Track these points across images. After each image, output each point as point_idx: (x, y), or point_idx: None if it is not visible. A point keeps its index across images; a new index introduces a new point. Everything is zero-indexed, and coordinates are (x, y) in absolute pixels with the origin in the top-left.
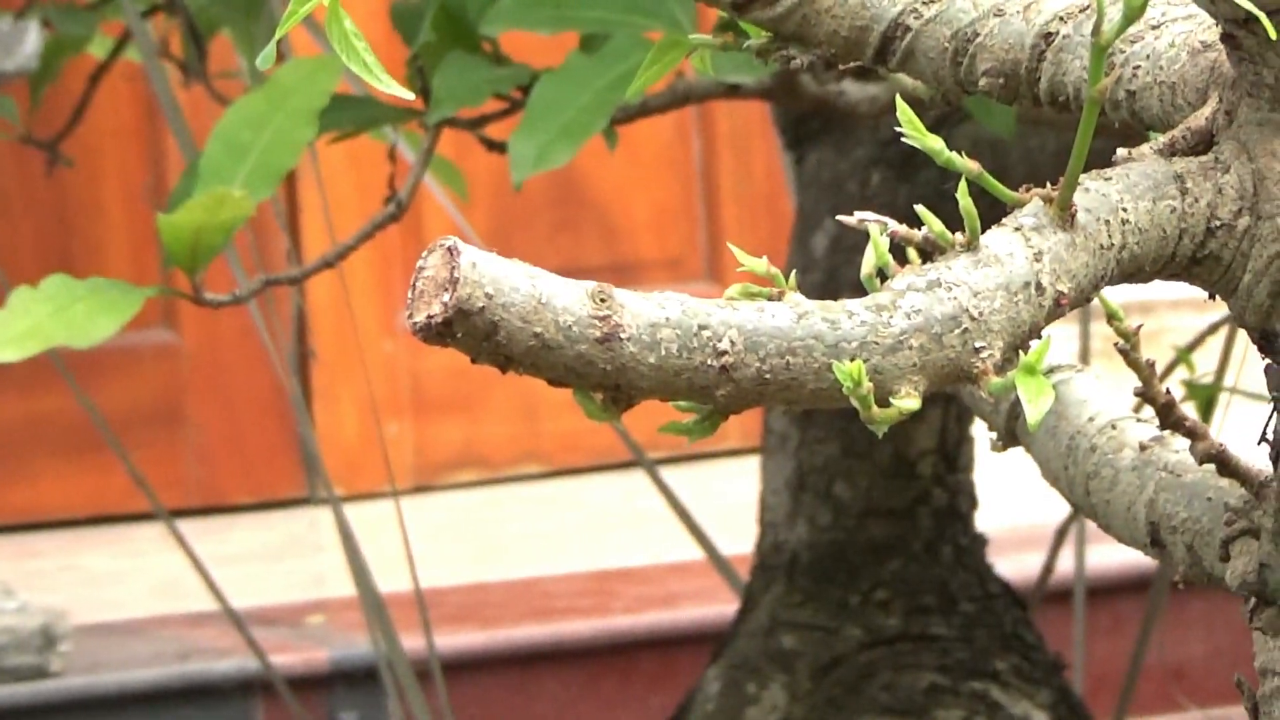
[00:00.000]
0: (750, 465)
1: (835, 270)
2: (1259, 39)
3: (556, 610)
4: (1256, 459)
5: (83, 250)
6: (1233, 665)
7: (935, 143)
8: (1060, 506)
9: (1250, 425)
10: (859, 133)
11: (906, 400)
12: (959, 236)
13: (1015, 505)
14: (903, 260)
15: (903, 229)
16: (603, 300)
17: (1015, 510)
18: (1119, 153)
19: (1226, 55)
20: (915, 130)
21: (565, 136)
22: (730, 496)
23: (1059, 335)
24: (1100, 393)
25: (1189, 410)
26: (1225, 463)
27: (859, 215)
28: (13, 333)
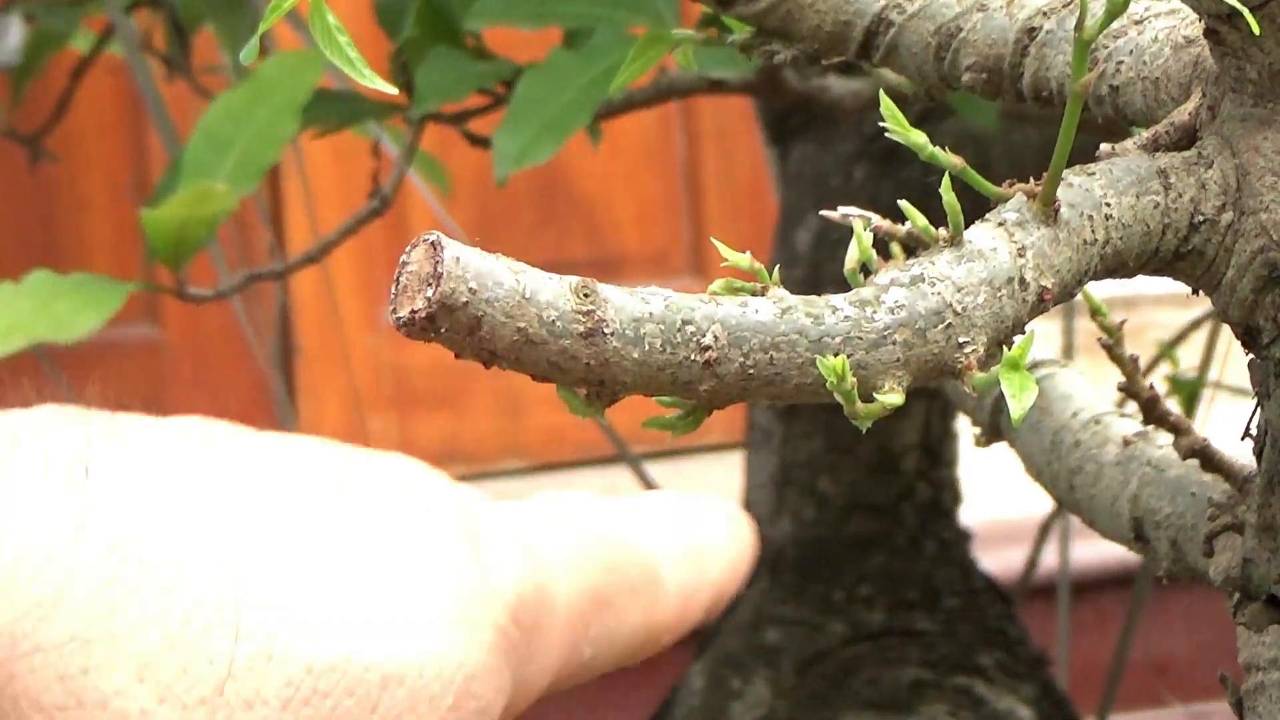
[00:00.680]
0: (734, 460)
1: (819, 265)
2: (1242, 34)
3: None
4: (1240, 454)
5: (66, 245)
6: (1217, 660)
7: (919, 138)
8: (1044, 502)
9: (1234, 420)
10: (842, 128)
11: (891, 395)
12: (942, 231)
13: (999, 500)
14: (886, 255)
15: (886, 224)
16: (586, 295)
17: (999, 505)
18: (1102, 148)
19: (1210, 50)
20: (899, 125)
21: (549, 132)
22: (713, 491)
23: (1043, 331)
24: (1084, 388)
25: (1173, 405)
26: (1209, 458)
27: (843, 210)
28: None
